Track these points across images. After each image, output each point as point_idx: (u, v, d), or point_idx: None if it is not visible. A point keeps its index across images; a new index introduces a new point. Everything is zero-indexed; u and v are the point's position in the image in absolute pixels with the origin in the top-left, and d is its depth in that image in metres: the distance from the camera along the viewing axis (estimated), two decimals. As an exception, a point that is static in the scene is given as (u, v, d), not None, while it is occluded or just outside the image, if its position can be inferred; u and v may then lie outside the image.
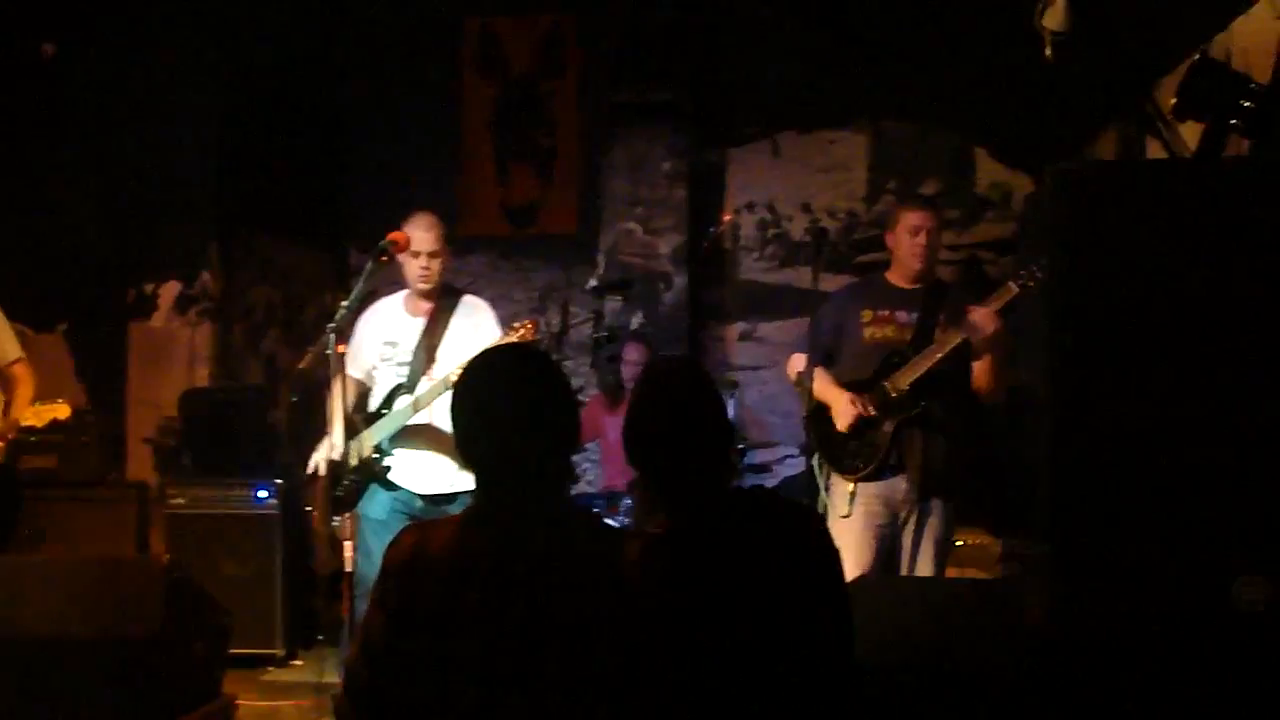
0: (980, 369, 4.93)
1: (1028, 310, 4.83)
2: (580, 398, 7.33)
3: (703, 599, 2.68)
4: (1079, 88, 6.82)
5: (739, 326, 8.31)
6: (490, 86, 8.44)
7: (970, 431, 5.05)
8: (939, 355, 4.87)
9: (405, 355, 5.13)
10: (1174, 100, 3.98)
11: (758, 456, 7.45)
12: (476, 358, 2.79)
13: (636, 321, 8.06)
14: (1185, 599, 3.03)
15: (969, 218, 8.11)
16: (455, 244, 5.47)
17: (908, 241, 5.09)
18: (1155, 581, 3.06)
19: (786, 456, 7.68)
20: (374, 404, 5.14)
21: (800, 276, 8.03)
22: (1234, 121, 3.80)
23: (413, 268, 5.12)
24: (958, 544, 6.05)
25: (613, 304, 7.95)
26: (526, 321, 4.82)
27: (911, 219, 5.10)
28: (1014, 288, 4.73)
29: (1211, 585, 3.02)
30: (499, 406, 2.62)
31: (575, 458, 3.07)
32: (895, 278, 5.19)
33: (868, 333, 5.07)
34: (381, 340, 5.20)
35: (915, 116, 8.14)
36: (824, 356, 5.16)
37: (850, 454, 4.94)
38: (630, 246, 8.11)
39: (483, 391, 2.66)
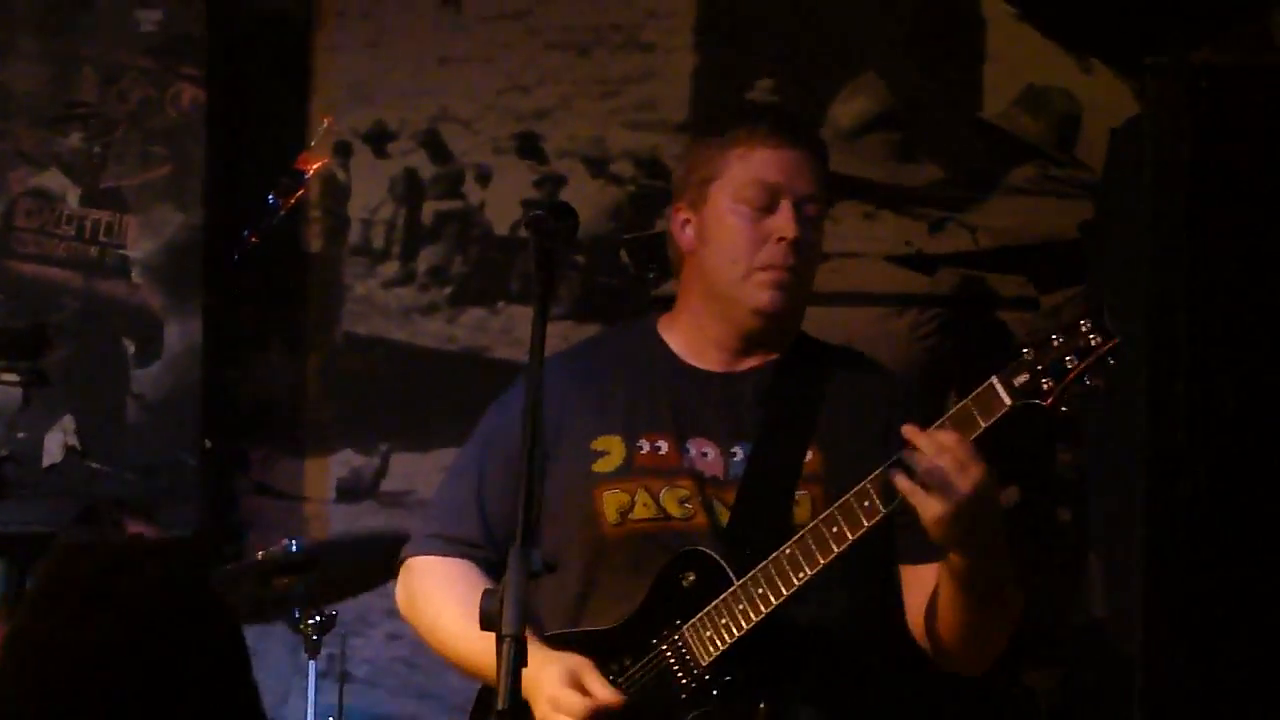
0: (945, 595, 4.10)
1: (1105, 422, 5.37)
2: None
3: None
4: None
5: (344, 461, 6.90)
6: None
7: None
8: (807, 570, 4.15)
9: None
10: None
11: None
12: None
13: (59, 442, 7.11)
14: None
15: (966, 182, 6.70)
16: None
17: (744, 233, 4.32)
18: None
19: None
20: None
21: (512, 325, 6.75)
22: None
23: None
24: None
25: (-4, 390, 7.35)
26: None
27: (751, 167, 4.30)
28: (1001, 393, 4.03)
29: None
30: None
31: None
32: (690, 344, 4.50)
33: (610, 505, 4.26)
34: None
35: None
36: (479, 553, 4.44)
37: None
38: (42, 239, 7.28)
39: None
